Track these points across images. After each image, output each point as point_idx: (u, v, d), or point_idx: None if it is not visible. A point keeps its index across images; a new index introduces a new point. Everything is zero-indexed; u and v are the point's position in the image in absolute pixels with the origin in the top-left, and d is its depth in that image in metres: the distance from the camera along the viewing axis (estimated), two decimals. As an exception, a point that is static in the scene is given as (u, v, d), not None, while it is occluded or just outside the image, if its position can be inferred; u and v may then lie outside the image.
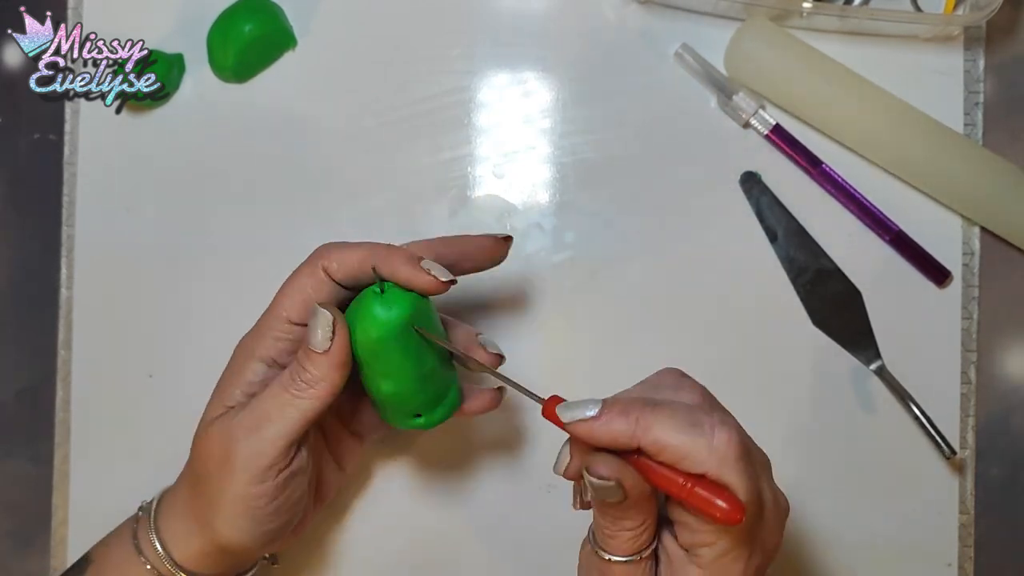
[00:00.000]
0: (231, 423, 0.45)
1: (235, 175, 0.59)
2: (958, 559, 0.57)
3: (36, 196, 0.60)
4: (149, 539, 0.47)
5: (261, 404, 0.44)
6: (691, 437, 0.38)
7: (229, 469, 0.44)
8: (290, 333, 0.46)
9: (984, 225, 0.57)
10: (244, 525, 0.45)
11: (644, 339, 0.57)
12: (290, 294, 0.46)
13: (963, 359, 0.57)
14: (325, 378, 0.44)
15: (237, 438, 0.44)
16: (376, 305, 0.44)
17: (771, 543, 0.41)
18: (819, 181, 0.57)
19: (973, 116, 0.57)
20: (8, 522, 0.60)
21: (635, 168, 0.58)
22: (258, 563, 0.51)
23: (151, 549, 0.47)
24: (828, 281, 0.57)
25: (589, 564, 0.42)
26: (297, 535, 0.50)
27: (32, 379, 0.60)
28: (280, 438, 0.44)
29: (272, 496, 0.45)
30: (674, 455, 0.38)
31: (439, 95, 0.59)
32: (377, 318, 0.44)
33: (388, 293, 0.44)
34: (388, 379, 0.45)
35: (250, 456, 0.44)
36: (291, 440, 0.44)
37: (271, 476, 0.44)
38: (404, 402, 0.46)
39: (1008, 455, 0.57)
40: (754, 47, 0.56)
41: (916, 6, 0.57)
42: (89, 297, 0.59)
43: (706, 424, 0.38)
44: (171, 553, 0.46)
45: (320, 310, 0.43)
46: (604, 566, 0.41)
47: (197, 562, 0.47)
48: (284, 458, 0.44)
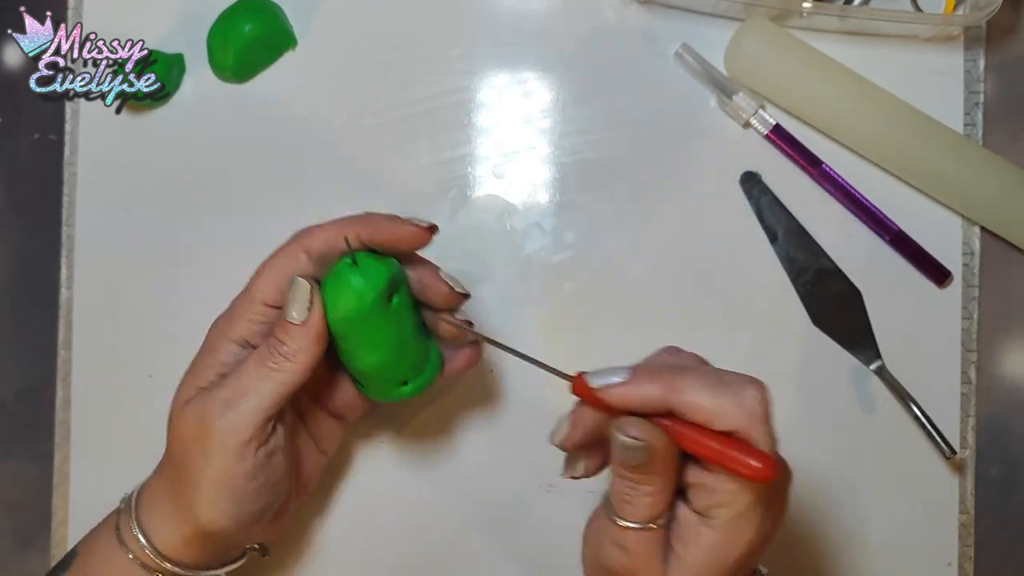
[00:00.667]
0: (205, 401, 0.44)
1: (235, 175, 0.59)
2: (958, 559, 0.57)
3: (36, 196, 0.60)
4: (131, 530, 0.46)
5: (237, 379, 0.44)
6: (722, 395, 0.38)
7: (207, 448, 0.44)
8: (264, 315, 0.46)
9: (984, 225, 0.57)
10: (225, 506, 0.44)
11: (644, 339, 0.57)
12: (267, 276, 0.46)
13: (963, 359, 0.57)
14: (303, 350, 0.44)
15: (213, 415, 0.44)
16: (352, 276, 0.44)
17: (780, 509, 0.41)
18: (819, 181, 0.57)
19: (973, 116, 0.57)
20: (8, 522, 0.60)
21: (635, 168, 0.58)
22: (246, 554, 0.50)
23: (133, 540, 0.46)
24: (828, 281, 0.57)
25: (600, 535, 0.42)
26: (280, 522, 0.49)
27: (32, 379, 0.60)
28: (257, 412, 0.44)
29: (252, 474, 0.44)
30: (705, 414, 0.38)
31: (439, 95, 0.59)
32: (356, 288, 0.43)
33: (362, 263, 0.44)
34: (370, 350, 0.45)
35: (227, 432, 0.43)
36: (268, 414, 0.44)
37: (250, 452, 0.44)
38: (389, 371, 0.46)
39: (1008, 455, 0.57)
40: (754, 47, 0.56)
41: (916, 6, 0.57)
42: (89, 297, 0.59)
43: (734, 383, 0.39)
44: (153, 543, 0.46)
45: (298, 280, 0.44)
46: (619, 534, 0.41)
47: (180, 551, 0.46)
48: (262, 433, 0.44)
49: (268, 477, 0.45)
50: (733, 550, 0.39)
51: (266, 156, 0.59)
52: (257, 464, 0.44)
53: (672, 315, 0.57)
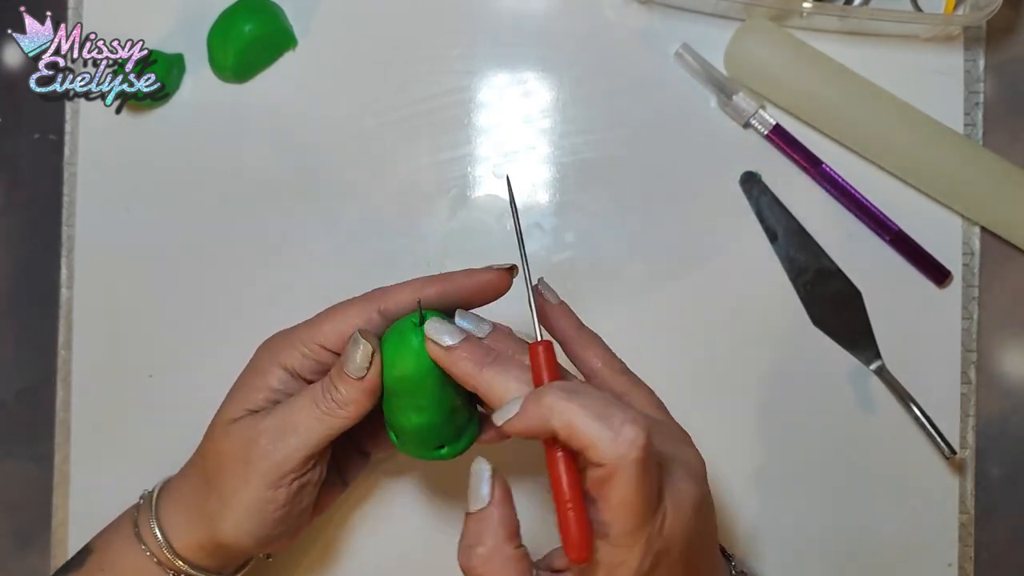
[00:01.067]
0: (256, 427, 0.45)
1: (235, 175, 0.59)
2: (958, 559, 0.57)
3: (36, 196, 0.60)
4: (150, 527, 0.47)
5: (289, 414, 0.45)
6: (598, 426, 0.37)
7: (247, 471, 0.45)
8: (318, 356, 0.46)
9: (984, 225, 0.57)
10: (250, 528, 0.45)
11: (644, 339, 0.57)
12: (334, 322, 0.46)
13: (963, 359, 0.57)
14: (356, 402, 0.44)
15: (260, 443, 0.45)
16: (414, 337, 0.43)
17: (675, 533, 0.40)
18: (819, 181, 0.57)
19: (973, 116, 0.57)
20: (8, 522, 0.60)
21: (635, 168, 0.58)
22: (252, 561, 0.51)
23: (151, 537, 0.47)
24: (828, 281, 0.57)
25: None
26: (292, 540, 0.50)
27: (32, 379, 0.60)
28: (303, 449, 0.44)
29: (283, 503, 0.45)
30: (580, 442, 0.38)
31: (439, 95, 0.59)
32: (416, 351, 0.43)
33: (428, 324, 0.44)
34: (418, 412, 0.44)
35: (271, 462, 0.44)
36: (312, 453, 0.45)
37: (286, 483, 0.45)
38: (429, 434, 0.45)
39: (1008, 455, 0.57)
40: (754, 47, 0.56)
41: (916, 6, 0.57)
42: (89, 297, 0.59)
43: (617, 418, 0.38)
44: (171, 542, 0.47)
45: (361, 340, 0.44)
46: None
47: (194, 553, 0.47)
48: (302, 468, 0.45)
49: (295, 507, 0.46)
50: None
51: (266, 156, 0.59)
52: (289, 495, 0.45)
53: (672, 315, 0.57)
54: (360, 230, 0.58)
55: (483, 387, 0.41)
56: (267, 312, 0.58)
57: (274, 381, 0.46)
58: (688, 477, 0.41)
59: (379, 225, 0.58)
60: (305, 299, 0.58)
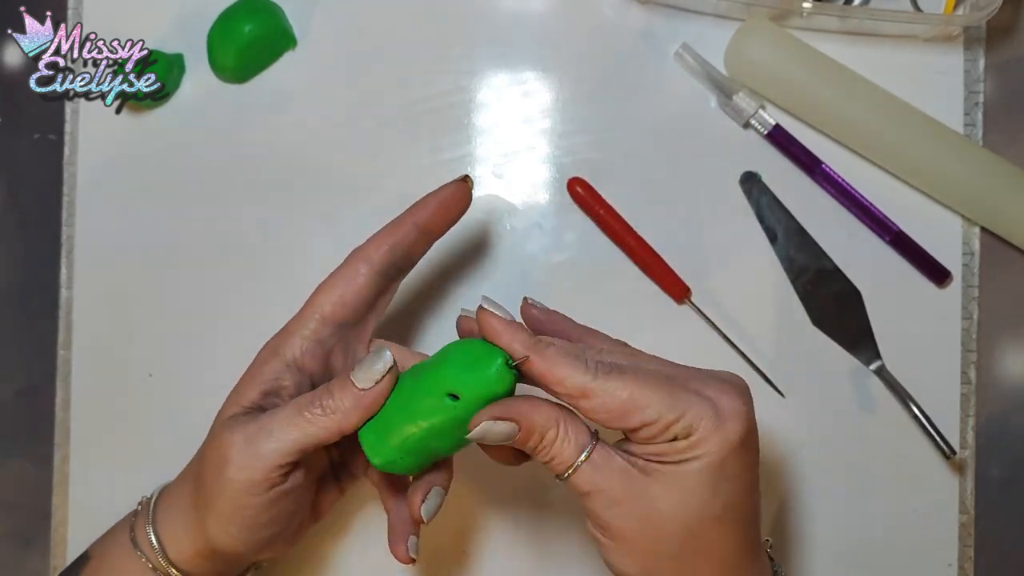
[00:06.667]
0: (235, 428, 0.44)
1: (235, 175, 0.59)
2: (958, 559, 0.57)
3: (36, 196, 0.60)
4: (146, 535, 0.46)
5: (269, 420, 0.44)
6: (571, 363, 0.41)
7: (223, 476, 0.43)
8: (318, 334, 0.46)
9: (984, 225, 0.57)
10: (234, 531, 0.44)
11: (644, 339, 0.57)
12: (325, 292, 0.47)
13: (963, 359, 0.57)
14: (343, 412, 0.43)
15: (236, 445, 0.43)
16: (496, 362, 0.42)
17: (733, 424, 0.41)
18: (819, 181, 0.57)
19: (973, 116, 0.57)
20: (8, 522, 0.60)
21: (635, 168, 0.58)
22: (251, 568, 0.51)
23: (148, 545, 0.46)
24: (828, 281, 0.57)
25: (581, 497, 0.42)
26: (291, 545, 0.49)
27: (32, 379, 0.60)
28: (274, 456, 0.43)
29: (262, 508, 0.44)
30: (556, 377, 0.41)
31: (439, 95, 0.59)
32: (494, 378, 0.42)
33: None
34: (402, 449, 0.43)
35: (242, 468, 0.43)
36: (285, 461, 0.43)
37: (261, 490, 0.43)
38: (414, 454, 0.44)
39: (1008, 455, 0.57)
40: (754, 47, 0.56)
41: (916, 6, 0.57)
42: (89, 297, 0.59)
43: (586, 357, 0.41)
44: (166, 550, 0.46)
45: (384, 351, 0.43)
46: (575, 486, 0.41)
47: (192, 561, 0.46)
48: (277, 475, 0.43)
49: (279, 512, 0.45)
50: None
51: (266, 156, 0.59)
52: (267, 501, 0.44)
53: (672, 315, 0.57)
54: (360, 230, 0.58)
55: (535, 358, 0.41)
56: (267, 312, 0.58)
57: (267, 373, 0.46)
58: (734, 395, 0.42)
59: (379, 225, 0.58)
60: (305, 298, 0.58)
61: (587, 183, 0.57)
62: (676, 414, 0.39)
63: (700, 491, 0.40)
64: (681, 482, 0.40)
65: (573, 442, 0.41)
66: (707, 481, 0.40)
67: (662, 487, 0.40)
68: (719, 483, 0.40)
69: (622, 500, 0.40)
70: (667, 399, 0.40)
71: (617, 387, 0.40)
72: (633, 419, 0.40)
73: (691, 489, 0.40)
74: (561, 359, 0.41)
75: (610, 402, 0.40)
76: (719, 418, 0.40)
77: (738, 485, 0.41)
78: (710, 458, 0.40)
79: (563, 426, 0.41)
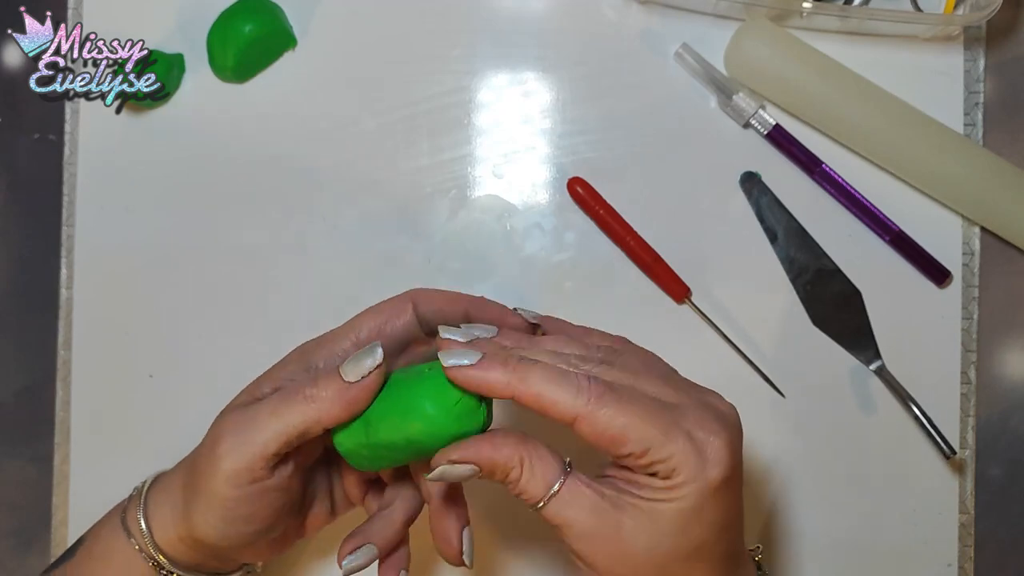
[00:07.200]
0: (231, 416, 0.44)
1: (235, 175, 0.59)
2: (958, 559, 0.57)
3: (36, 196, 0.60)
4: (136, 518, 0.46)
5: (257, 406, 0.43)
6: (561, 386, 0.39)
7: (211, 463, 0.43)
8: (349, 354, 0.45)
9: (984, 225, 0.57)
10: (214, 521, 0.44)
11: (643, 339, 0.57)
12: (369, 317, 0.46)
13: (963, 359, 0.57)
14: (326, 402, 0.42)
15: (226, 432, 0.43)
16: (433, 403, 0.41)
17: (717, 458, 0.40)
18: (819, 181, 0.57)
19: (973, 116, 0.57)
20: (8, 522, 0.60)
21: (635, 168, 0.58)
22: (241, 568, 0.50)
23: (137, 528, 0.46)
24: (828, 281, 0.57)
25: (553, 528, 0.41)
26: (275, 553, 0.49)
27: (32, 379, 0.60)
28: (257, 444, 0.42)
29: (243, 501, 0.43)
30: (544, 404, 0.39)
31: (439, 95, 0.59)
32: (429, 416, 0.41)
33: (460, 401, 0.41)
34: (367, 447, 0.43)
35: (226, 455, 0.42)
36: (268, 451, 0.42)
37: (243, 482, 0.43)
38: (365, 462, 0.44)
39: (1008, 455, 0.57)
40: (754, 47, 0.56)
41: (916, 6, 0.57)
42: (89, 297, 0.59)
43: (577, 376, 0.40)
44: (153, 534, 0.46)
45: (377, 348, 0.42)
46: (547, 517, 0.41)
47: (176, 547, 0.46)
48: (262, 468, 0.43)
49: (262, 509, 0.44)
50: None
51: (266, 156, 0.59)
52: (249, 494, 0.43)
53: (671, 315, 0.57)
54: (360, 230, 0.58)
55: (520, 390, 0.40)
56: (267, 311, 0.59)
57: (288, 374, 0.46)
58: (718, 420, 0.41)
59: (379, 225, 0.58)
60: (305, 298, 0.58)
61: (587, 183, 0.57)
62: (665, 454, 0.39)
63: (672, 532, 0.39)
64: (654, 522, 0.40)
65: (540, 478, 0.40)
66: (680, 525, 0.39)
67: (634, 523, 0.40)
68: (692, 527, 0.40)
69: (593, 535, 0.40)
70: (659, 437, 0.39)
71: (611, 415, 0.39)
72: (622, 449, 0.39)
73: (662, 530, 0.39)
74: (547, 385, 0.39)
75: (601, 429, 0.39)
76: (702, 464, 0.39)
77: (714, 528, 0.40)
78: (686, 503, 0.39)
79: (527, 464, 0.40)
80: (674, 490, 0.39)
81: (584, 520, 0.40)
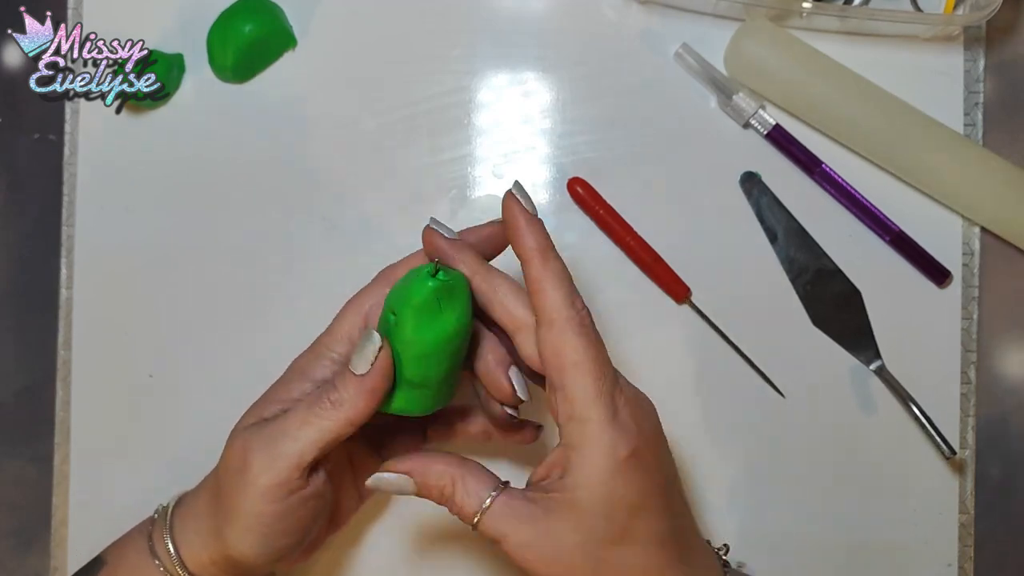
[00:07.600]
0: (253, 434, 0.44)
1: (235, 175, 0.59)
2: (958, 559, 0.57)
3: (36, 196, 0.60)
4: (163, 542, 0.46)
5: (283, 422, 0.44)
6: (563, 288, 0.42)
7: (243, 483, 0.43)
8: (346, 356, 0.46)
9: (984, 225, 0.57)
10: (253, 541, 0.44)
11: (643, 339, 0.57)
12: (350, 312, 0.47)
13: (963, 359, 0.57)
14: (350, 401, 0.43)
15: (256, 449, 0.43)
16: (427, 274, 0.42)
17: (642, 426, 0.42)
18: (819, 181, 0.57)
19: (973, 116, 0.57)
20: (8, 522, 0.60)
21: (635, 168, 0.58)
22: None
23: (165, 552, 0.46)
24: (828, 281, 0.57)
25: (493, 544, 0.42)
26: (306, 558, 0.49)
27: (32, 379, 0.60)
28: (293, 456, 0.43)
29: (282, 515, 0.44)
30: (542, 287, 0.42)
31: (439, 95, 0.59)
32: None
33: (448, 287, 0.43)
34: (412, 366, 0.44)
35: (261, 472, 0.43)
36: (305, 460, 0.43)
37: (282, 495, 0.43)
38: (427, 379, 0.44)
39: (1008, 455, 0.57)
40: (754, 47, 0.56)
41: (916, 6, 0.57)
42: (89, 297, 0.59)
43: (576, 294, 0.43)
44: (183, 558, 0.46)
45: (372, 332, 0.43)
46: (486, 535, 0.41)
47: (208, 570, 0.46)
48: (298, 479, 0.43)
49: (300, 519, 0.45)
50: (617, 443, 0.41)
51: (266, 156, 0.59)
52: (288, 507, 0.44)
53: (671, 315, 0.57)
54: (360, 230, 0.58)
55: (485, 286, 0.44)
56: (267, 312, 0.59)
57: (294, 391, 0.46)
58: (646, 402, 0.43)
59: (379, 225, 0.58)
60: (305, 299, 0.58)
61: (587, 183, 0.57)
62: (584, 414, 0.40)
63: (594, 517, 0.40)
64: (577, 513, 0.40)
65: (472, 496, 0.42)
66: (599, 509, 0.40)
67: (561, 522, 0.41)
68: (612, 510, 0.40)
69: (530, 543, 0.41)
70: (592, 391, 0.41)
71: (582, 344, 0.41)
72: (562, 379, 0.41)
73: (585, 520, 0.40)
74: (556, 277, 0.42)
75: (567, 349, 0.41)
76: (612, 437, 0.40)
77: (633, 507, 0.41)
78: (598, 480, 0.40)
79: (459, 483, 0.42)
80: (584, 470, 0.40)
81: (518, 530, 0.41)
